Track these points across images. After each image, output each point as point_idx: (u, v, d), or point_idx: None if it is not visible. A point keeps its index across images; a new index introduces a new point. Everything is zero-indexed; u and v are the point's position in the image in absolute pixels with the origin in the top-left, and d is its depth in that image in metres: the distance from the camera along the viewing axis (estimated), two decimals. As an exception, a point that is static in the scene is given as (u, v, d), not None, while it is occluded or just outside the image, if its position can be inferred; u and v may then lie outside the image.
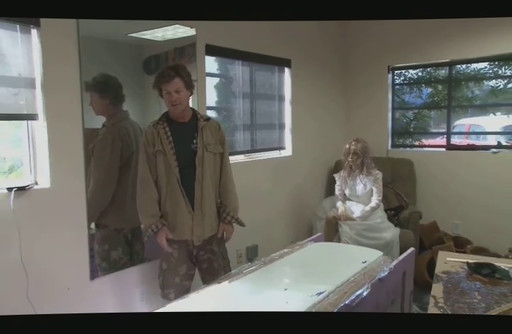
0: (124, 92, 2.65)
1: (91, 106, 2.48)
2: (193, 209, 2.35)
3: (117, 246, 2.66)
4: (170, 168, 2.32)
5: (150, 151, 2.32)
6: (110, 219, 2.61)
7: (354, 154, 3.50)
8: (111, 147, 2.55)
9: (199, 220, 2.36)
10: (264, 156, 3.87)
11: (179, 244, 2.40)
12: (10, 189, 2.12)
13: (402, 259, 2.46)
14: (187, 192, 2.33)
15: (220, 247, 2.50)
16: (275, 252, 2.52)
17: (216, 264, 2.47)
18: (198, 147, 2.35)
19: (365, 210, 3.44)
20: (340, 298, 1.90)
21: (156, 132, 2.33)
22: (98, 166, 2.53)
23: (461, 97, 4.36)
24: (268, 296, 1.94)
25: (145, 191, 2.34)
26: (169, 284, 2.40)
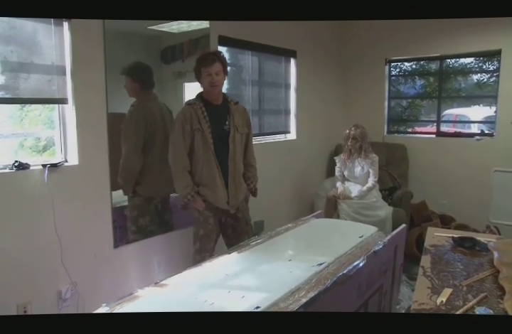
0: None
1: (125, 88, 2.60)
2: (226, 181, 2.46)
3: (145, 214, 2.74)
4: (207, 145, 2.40)
5: (187, 128, 2.38)
6: (142, 188, 2.70)
7: (353, 139, 3.52)
8: (135, 124, 2.65)
9: (233, 191, 2.48)
10: (271, 139, 3.89)
11: (213, 212, 2.49)
12: (44, 165, 2.18)
13: (394, 234, 2.50)
14: (221, 167, 2.44)
15: (244, 214, 2.61)
16: (280, 227, 2.57)
17: (239, 229, 2.58)
18: (230, 128, 2.46)
19: (362, 190, 3.48)
20: (338, 268, 1.94)
21: (193, 111, 2.39)
22: (125, 141, 2.63)
23: (450, 88, 4.38)
24: (274, 266, 1.98)
25: (178, 164, 2.41)
26: (205, 249, 2.48)
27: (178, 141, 2.40)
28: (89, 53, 2.34)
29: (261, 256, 2.11)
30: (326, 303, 1.73)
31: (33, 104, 2.30)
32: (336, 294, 1.81)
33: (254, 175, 2.65)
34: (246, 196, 2.64)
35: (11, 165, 2.11)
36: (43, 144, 2.42)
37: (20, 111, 2.35)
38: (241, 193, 2.56)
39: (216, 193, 2.45)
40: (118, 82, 2.55)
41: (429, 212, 3.84)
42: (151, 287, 1.75)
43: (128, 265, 2.63)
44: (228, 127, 2.46)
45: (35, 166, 2.18)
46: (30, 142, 2.39)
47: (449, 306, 1.46)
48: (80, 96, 2.31)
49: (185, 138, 2.39)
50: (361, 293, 2.10)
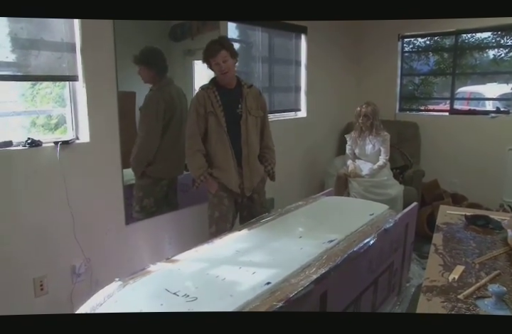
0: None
1: (140, 75, 2.58)
2: (240, 165, 2.47)
3: (150, 195, 2.74)
4: (221, 128, 2.41)
5: (201, 112, 2.40)
6: (153, 170, 2.70)
7: (364, 116, 3.46)
8: (156, 108, 2.66)
9: (247, 175, 2.48)
10: (281, 117, 3.84)
11: (228, 194, 2.49)
12: (56, 143, 2.18)
13: (405, 212, 2.48)
14: (235, 150, 2.45)
15: (260, 197, 2.62)
16: (290, 205, 2.56)
17: (254, 210, 2.58)
18: (242, 111, 2.45)
19: (373, 168, 3.44)
20: (349, 246, 1.93)
21: (206, 95, 2.41)
22: (143, 125, 2.64)
23: (465, 64, 4.24)
24: (284, 243, 1.97)
25: (193, 146, 2.42)
26: (222, 230, 2.45)
27: (192, 125, 2.42)
28: (98, 30, 2.29)
29: (271, 233, 2.11)
30: (336, 279, 1.72)
31: (43, 81, 2.28)
32: (346, 271, 1.81)
33: (271, 158, 2.63)
34: (263, 178, 2.62)
35: (24, 143, 2.12)
36: (55, 122, 2.41)
37: (31, 90, 2.34)
38: (256, 176, 2.54)
39: (229, 176, 2.44)
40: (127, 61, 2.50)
41: (441, 190, 3.79)
42: (163, 262, 1.76)
43: (139, 242, 2.65)
44: (241, 111, 2.46)
45: (48, 143, 2.18)
46: (42, 120, 2.38)
47: (461, 283, 1.45)
48: (90, 73, 2.29)
49: (199, 122, 2.41)
50: (372, 270, 2.09)
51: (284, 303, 1.42)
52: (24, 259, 2.11)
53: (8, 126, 2.26)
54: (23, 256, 2.11)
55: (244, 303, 1.41)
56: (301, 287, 1.52)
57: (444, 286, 1.43)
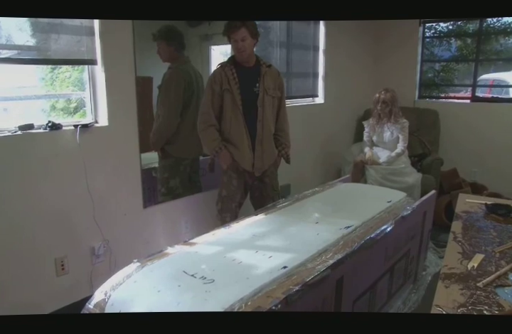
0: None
1: (158, 54, 2.58)
2: (254, 144, 2.46)
3: (176, 175, 2.77)
4: (236, 106, 2.40)
5: (217, 89, 2.39)
6: (174, 149, 2.73)
7: (383, 103, 3.40)
8: (175, 86, 2.65)
9: (259, 155, 2.48)
10: (299, 103, 3.80)
11: (238, 174, 2.50)
12: (76, 126, 2.20)
13: (423, 200, 2.44)
14: (249, 129, 2.43)
15: (271, 180, 2.62)
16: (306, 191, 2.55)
17: (265, 193, 2.60)
18: (259, 90, 2.43)
19: (391, 156, 3.39)
20: (366, 232, 1.92)
21: (223, 73, 2.39)
22: (164, 102, 2.64)
23: (490, 50, 4.09)
24: (301, 228, 1.97)
25: (206, 121, 2.42)
26: (227, 209, 2.52)
27: (206, 101, 2.41)
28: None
29: (288, 219, 2.11)
30: (352, 265, 1.72)
31: (63, 65, 2.28)
32: (362, 257, 1.80)
33: (286, 142, 2.62)
34: (276, 162, 2.61)
35: (45, 126, 2.14)
36: (74, 106, 2.43)
37: (51, 74, 2.35)
38: (269, 158, 2.54)
39: (242, 154, 2.44)
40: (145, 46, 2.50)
41: (460, 179, 3.72)
42: (180, 245, 1.78)
43: (157, 225, 2.68)
44: (258, 90, 2.44)
45: (67, 127, 2.20)
46: (62, 104, 2.40)
47: (480, 271, 1.43)
48: (108, 57, 2.28)
49: (214, 99, 2.40)
50: (388, 257, 2.08)
51: (300, 287, 1.42)
52: (46, 239, 2.15)
53: (29, 109, 2.29)
54: (45, 237, 2.15)
55: (261, 286, 1.41)
56: (318, 272, 1.52)
57: (463, 274, 1.42)
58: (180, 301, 1.35)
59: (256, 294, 1.37)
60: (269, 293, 1.39)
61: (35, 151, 2.08)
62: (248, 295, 1.36)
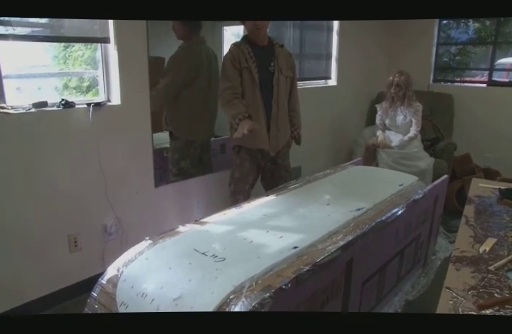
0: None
1: (174, 31, 2.56)
2: (269, 124, 2.44)
3: (186, 157, 2.77)
4: (254, 84, 2.38)
5: (236, 66, 2.36)
6: (182, 132, 2.72)
7: (397, 86, 3.33)
8: (178, 65, 2.62)
9: (275, 134, 2.46)
10: (311, 85, 3.74)
11: (251, 156, 2.49)
12: (89, 104, 2.19)
13: (435, 184, 2.42)
14: (265, 108, 2.41)
15: (284, 161, 2.61)
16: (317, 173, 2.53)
17: (277, 174, 2.60)
18: (274, 69, 2.42)
19: (404, 140, 3.34)
20: (377, 215, 1.91)
21: (240, 51, 2.37)
22: (164, 76, 2.60)
23: (509, 32, 3.96)
24: (312, 209, 1.96)
25: (231, 94, 2.35)
26: (240, 191, 2.53)
27: (229, 76, 2.36)
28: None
29: (299, 200, 2.10)
30: (363, 247, 1.71)
31: (76, 42, 2.26)
32: (373, 240, 1.79)
33: (298, 122, 2.60)
34: (288, 142, 2.60)
35: (59, 104, 2.14)
36: (86, 85, 2.42)
37: (64, 52, 2.33)
38: (283, 138, 2.53)
39: (259, 133, 2.41)
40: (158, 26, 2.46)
41: (473, 165, 3.67)
42: (192, 224, 1.78)
43: (168, 204, 2.69)
44: (273, 69, 2.43)
45: (80, 105, 2.20)
46: (74, 83, 2.39)
47: (492, 255, 1.41)
48: (121, 36, 2.25)
49: (235, 75, 2.36)
50: (398, 240, 2.07)
51: (310, 267, 1.42)
52: (58, 216, 2.18)
53: (42, 88, 2.28)
54: (58, 214, 2.17)
55: (272, 265, 1.42)
56: (328, 253, 1.52)
57: (475, 257, 1.40)
58: (191, 278, 1.36)
59: (267, 273, 1.38)
60: (280, 273, 1.39)
61: (49, 129, 2.08)
62: (259, 274, 1.37)
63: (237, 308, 1.21)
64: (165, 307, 1.29)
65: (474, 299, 1.18)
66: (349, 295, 1.70)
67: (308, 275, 1.40)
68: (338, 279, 1.61)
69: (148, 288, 1.37)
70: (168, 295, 1.31)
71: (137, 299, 1.36)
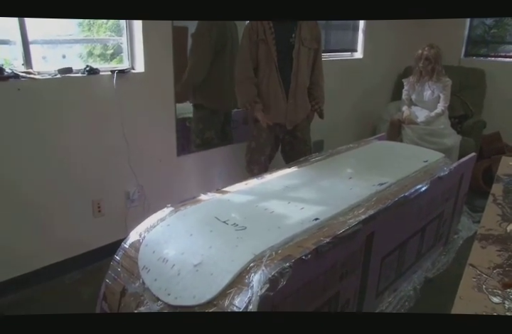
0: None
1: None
2: (287, 97, 2.38)
3: (211, 127, 2.75)
4: (271, 57, 2.31)
5: (253, 38, 2.30)
6: (207, 101, 2.69)
7: (426, 60, 3.18)
8: (208, 34, 2.56)
9: (292, 107, 2.41)
10: (336, 57, 3.61)
11: (269, 127, 2.45)
12: (113, 71, 2.17)
13: (462, 162, 2.34)
14: (283, 81, 2.35)
15: (303, 134, 2.57)
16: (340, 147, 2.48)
17: (297, 147, 2.56)
18: (295, 41, 2.33)
19: (430, 116, 3.22)
20: (400, 190, 1.86)
21: (259, 22, 2.30)
22: (195, 50, 2.56)
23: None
24: (333, 182, 1.93)
25: (243, 72, 2.35)
26: (254, 161, 2.51)
27: (244, 50, 2.33)
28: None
29: (321, 172, 2.07)
30: (384, 222, 1.68)
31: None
32: (395, 215, 1.76)
33: (320, 96, 2.53)
34: (309, 116, 2.54)
35: (83, 70, 2.12)
36: (110, 52, 2.39)
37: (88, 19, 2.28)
38: (301, 111, 2.47)
39: (276, 106, 2.38)
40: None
41: (503, 144, 3.52)
42: (213, 193, 1.77)
43: (190, 173, 2.69)
44: (294, 40, 2.33)
45: (105, 72, 2.17)
46: (98, 50, 2.36)
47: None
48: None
49: (251, 49, 2.31)
50: (420, 217, 2.03)
51: (331, 239, 1.40)
52: (83, 181, 2.20)
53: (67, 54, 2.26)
54: (82, 179, 2.19)
55: (292, 236, 1.40)
56: (349, 226, 1.49)
57: (501, 236, 1.36)
58: (212, 245, 1.36)
59: (287, 243, 1.37)
60: (300, 243, 1.37)
61: (74, 95, 2.07)
62: (279, 244, 1.35)
63: (257, 276, 1.20)
64: (185, 272, 1.29)
65: (499, 278, 1.14)
66: (368, 270, 1.68)
67: (329, 247, 1.38)
68: (357, 253, 1.59)
69: (169, 253, 1.38)
70: (188, 261, 1.32)
71: (158, 264, 1.37)
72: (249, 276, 1.22)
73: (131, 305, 1.36)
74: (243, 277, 1.22)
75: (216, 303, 1.18)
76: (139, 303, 1.34)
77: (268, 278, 1.19)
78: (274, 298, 1.19)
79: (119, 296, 1.43)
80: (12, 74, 1.90)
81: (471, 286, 1.14)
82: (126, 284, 1.41)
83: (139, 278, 1.38)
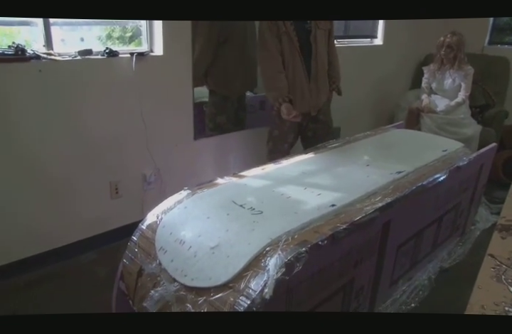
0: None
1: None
2: (309, 83, 2.35)
3: (223, 112, 2.73)
4: (294, 48, 2.28)
5: (274, 30, 2.25)
6: (217, 87, 2.67)
7: (448, 47, 3.09)
8: (209, 23, 2.53)
9: (315, 93, 2.38)
10: (355, 44, 3.53)
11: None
12: (132, 54, 2.16)
13: (482, 152, 2.29)
14: (306, 68, 2.33)
15: (325, 116, 2.54)
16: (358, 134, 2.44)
17: (320, 131, 2.52)
18: (311, 26, 2.30)
19: (450, 105, 3.14)
20: (418, 179, 1.83)
21: None
22: (197, 39, 2.51)
23: None
24: (351, 169, 1.91)
25: (273, 67, 2.29)
26: (278, 149, 2.48)
27: (269, 45, 2.26)
28: None
29: (338, 159, 2.04)
30: (401, 210, 1.65)
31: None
32: (412, 204, 1.73)
33: (336, 75, 2.50)
34: (328, 98, 2.51)
35: (103, 52, 2.12)
36: (129, 35, 2.37)
37: (107, 0, 2.26)
38: (323, 94, 2.44)
39: (301, 96, 2.34)
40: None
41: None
42: (230, 177, 1.77)
43: (206, 157, 2.69)
44: (309, 26, 2.31)
45: (124, 55, 2.16)
46: (117, 33, 2.35)
47: (543, 226, 1.33)
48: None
49: (274, 42, 2.26)
50: (438, 207, 2.00)
51: (347, 225, 1.38)
52: (101, 163, 2.22)
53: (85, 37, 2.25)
54: (100, 161, 2.21)
55: (309, 221, 1.39)
56: (366, 213, 1.47)
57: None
58: (228, 228, 1.36)
59: (303, 228, 1.36)
60: (317, 229, 1.36)
61: (93, 76, 2.07)
62: (295, 229, 1.34)
63: (273, 260, 1.19)
64: (202, 254, 1.30)
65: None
66: (383, 258, 1.67)
67: (345, 233, 1.37)
68: (373, 240, 1.58)
69: (186, 235, 1.39)
70: (205, 244, 1.32)
71: (175, 245, 1.38)
72: (265, 259, 1.22)
73: (148, 285, 1.38)
74: (259, 261, 1.22)
75: (232, 286, 1.19)
76: (155, 283, 1.36)
77: (284, 262, 1.18)
78: (289, 282, 1.19)
79: (136, 276, 1.44)
80: (34, 55, 1.91)
81: (489, 275, 1.12)
82: (143, 264, 1.42)
83: (156, 259, 1.39)
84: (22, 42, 1.93)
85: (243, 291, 1.16)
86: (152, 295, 1.32)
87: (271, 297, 1.12)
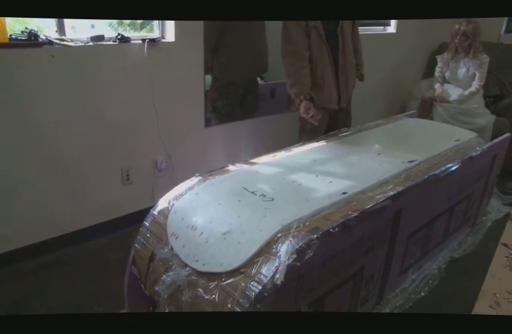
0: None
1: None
2: (338, 76, 2.31)
3: (223, 97, 2.66)
4: (322, 42, 2.22)
5: (303, 25, 2.16)
6: (223, 74, 2.62)
7: (463, 35, 3.02)
8: None
9: (343, 85, 2.34)
10: (368, 31, 3.47)
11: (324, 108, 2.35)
12: (143, 40, 2.15)
13: (496, 142, 2.25)
14: (334, 62, 2.27)
15: (348, 105, 2.50)
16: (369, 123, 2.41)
17: (340, 119, 2.48)
18: None
19: (464, 94, 3.09)
20: (430, 168, 1.81)
21: None
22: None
23: None
24: (362, 158, 1.89)
25: (297, 62, 2.20)
26: None
27: (296, 40, 2.16)
28: None
29: (350, 148, 2.02)
30: (412, 199, 1.64)
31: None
32: (423, 193, 1.71)
33: (360, 62, 2.47)
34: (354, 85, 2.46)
35: (115, 38, 2.11)
36: (141, 22, 2.34)
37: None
38: (351, 86, 2.40)
39: (329, 93, 2.29)
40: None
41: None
42: (241, 163, 1.76)
43: (217, 144, 2.68)
44: None
45: (135, 41, 2.15)
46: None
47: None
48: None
49: (301, 37, 2.17)
50: (449, 196, 1.98)
51: (359, 213, 1.38)
52: (112, 149, 2.22)
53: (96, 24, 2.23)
54: (112, 147, 2.22)
55: (320, 208, 1.39)
56: (377, 201, 1.46)
57: (536, 217, 1.31)
58: (240, 215, 1.36)
59: (315, 215, 1.35)
60: (328, 216, 1.36)
61: (105, 62, 2.07)
62: (307, 216, 1.34)
63: (284, 246, 1.19)
64: (214, 240, 1.30)
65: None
66: (394, 246, 1.66)
67: (356, 221, 1.36)
68: (385, 228, 1.57)
69: (198, 221, 1.39)
70: (216, 230, 1.32)
71: (187, 231, 1.38)
72: (276, 246, 1.22)
73: (160, 269, 1.39)
74: (271, 247, 1.22)
75: (243, 271, 1.19)
76: (167, 268, 1.37)
77: (295, 248, 1.18)
78: (300, 268, 1.19)
79: (147, 261, 1.45)
80: (46, 40, 1.90)
81: (502, 264, 1.12)
82: (155, 249, 1.43)
83: (168, 244, 1.40)
84: (34, 28, 1.92)
85: (254, 276, 1.17)
86: (164, 279, 1.33)
87: (282, 283, 1.13)
